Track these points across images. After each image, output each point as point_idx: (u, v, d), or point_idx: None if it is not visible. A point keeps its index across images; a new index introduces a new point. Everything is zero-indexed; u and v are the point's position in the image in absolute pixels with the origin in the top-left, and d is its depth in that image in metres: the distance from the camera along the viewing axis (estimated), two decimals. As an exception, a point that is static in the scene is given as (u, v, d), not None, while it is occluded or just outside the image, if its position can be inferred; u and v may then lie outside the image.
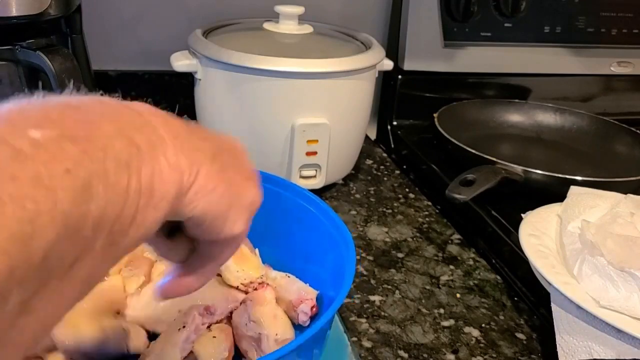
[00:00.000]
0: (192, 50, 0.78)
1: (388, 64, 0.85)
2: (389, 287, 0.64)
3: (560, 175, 0.76)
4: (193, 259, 0.36)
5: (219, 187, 0.30)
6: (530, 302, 0.64)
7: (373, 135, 1.07)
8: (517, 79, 1.08)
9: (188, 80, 0.84)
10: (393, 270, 0.67)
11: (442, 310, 0.61)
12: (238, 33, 0.85)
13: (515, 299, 0.64)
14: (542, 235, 0.62)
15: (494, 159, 0.79)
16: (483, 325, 0.60)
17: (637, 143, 0.94)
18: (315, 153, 0.77)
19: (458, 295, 0.64)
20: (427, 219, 0.79)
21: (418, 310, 0.61)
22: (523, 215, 0.66)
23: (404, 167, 0.94)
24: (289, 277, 0.55)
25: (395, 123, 1.03)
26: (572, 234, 0.61)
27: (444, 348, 0.56)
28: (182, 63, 0.78)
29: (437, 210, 0.81)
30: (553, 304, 0.55)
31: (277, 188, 0.57)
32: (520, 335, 0.59)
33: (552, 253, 0.60)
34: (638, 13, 1.08)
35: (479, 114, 1.01)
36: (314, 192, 0.79)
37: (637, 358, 0.49)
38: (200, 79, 0.78)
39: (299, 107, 0.75)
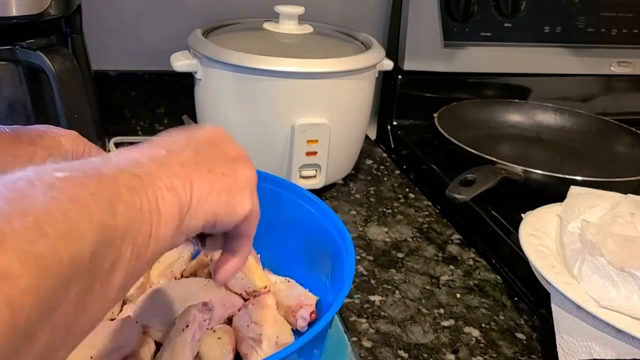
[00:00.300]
0: (192, 50, 0.78)
1: (388, 64, 0.85)
2: (389, 287, 0.64)
3: (560, 175, 0.76)
4: (227, 243, 0.40)
5: (214, 185, 0.34)
6: (530, 302, 0.64)
7: (373, 135, 1.07)
8: (517, 79, 1.08)
9: (188, 80, 0.84)
10: (393, 270, 0.67)
11: (442, 310, 0.61)
12: (238, 33, 0.85)
13: (515, 299, 0.64)
14: (542, 235, 0.62)
15: (494, 159, 0.79)
16: (483, 325, 0.60)
17: (637, 143, 0.94)
18: (315, 153, 0.77)
19: (458, 295, 0.64)
20: (427, 219, 0.79)
21: (418, 310, 0.61)
22: (523, 215, 0.66)
23: (404, 167, 0.94)
24: (289, 281, 0.54)
25: (395, 123, 1.03)
26: (572, 234, 0.61)
27: (444, 348, 0.56)
28: (182, 63, 0.78)
29: (437, 210, 0.81)
30: (553, 304, 0.55)
31: (276, 188, 0.57)
32: (520, 335, 0.59)
33: (552, 253, 0.59)
34: (638, 13, 1.08)
35: (479, 114, 1.01)
36: (314, 192, 0.79)
37: (637, 358, 0.49)
38: (200, 79, 0.78)
39: (299, 107, 0.75)
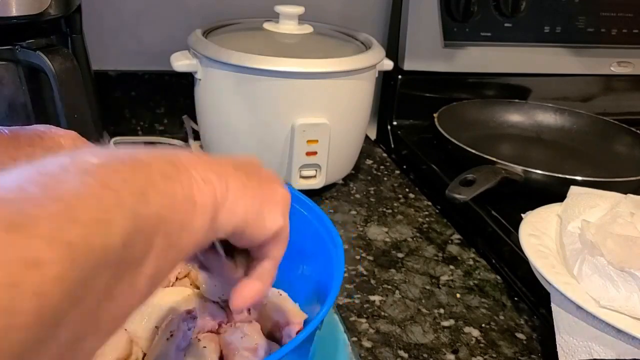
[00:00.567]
0: (192, 50, 0.78)
1: (388, 64, 0.85)
2: (389, 287, 0.64)
3: (560, 175, 0.76)
4: (252, 266, 0.39)
5: (249, 191, 0.34)
6: (530, 302, 0.64)
7: (373, 135, 1.07)
8: (517, 79, 1.08)
9: (188, 80, 0.84)
10: (393, 270, 0.67)
11: (442, 310, 0.61)
12: (238, 33, 0.85)
13: (515, 299, 0.64)
14: (542, 235, 0.62)
15: (494, 159, 0.79)
16: (483, 325, 0.60)
17: (637, 143, 0.94)
18: (315, 153, 0.77)
19: (458, 295, 0.64)
20: (427, 219, 0.79)
21: (418, 310, 0.61)
22: (523, 215, 0.66)
23: (404, 167, 0.94)
24: (281, 294, 0.52)
25: (395, 123, 1.03)
26: (572, 234, 0.61)
27: (444, 348, 0.56)
28: (182, 63, 0.78)
29: (437, 210, 0.81)
30: (553, 304, 0.55)
31: None
32: (520, 335, 0.59)
33: (552, 253, 0.59)
34: (638, 13, 1.08)
35: (479, 114, 1.01)
36: (314, 192, 0.79)
37: (637, 358, 0.49)
38: (200, 79, 0.78)
39: (299, 107, 0.75)
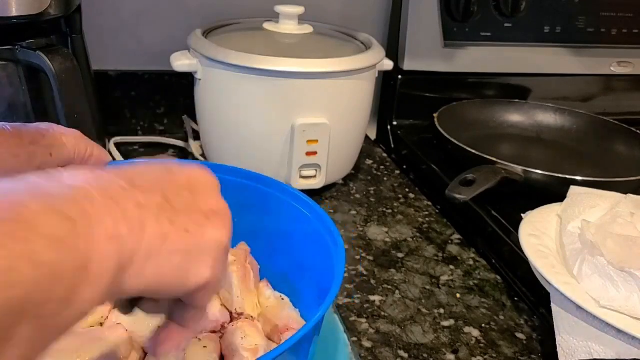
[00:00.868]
0: (192, 50, 0.78)
1: (388, 64, 0.85)
2: (389, 287, 0.64)
3: (560, 175, 0.76)
4: (175, 311, 0.34)
5: (170, 242, 0.28)
6: (530, 302, 0.64)
7: (373, 135, 1.07)
8: (517, 79, 1.08)
9: (188, 80, 0.84)
10: (393, 270, 0.67)
11: (442, 310, 0.61)
12: (238, 33, 0.85)
13: (515, 299, 0.64)
14: (542, 235, 0.62)
15: (494, 159, 0.79)
16: (483, 325, 0.60)
17: (637, 143, 0.94)
18: (315, 153, 0.77)
19: (458, 295, 0.64)
20: (427, 219, 0.79)
21: (418, 310, 0.61)
22: (523, 215, 0.66)
23: (404, 167, 0.94)
24: (283, 299, 0.53)
25: (395, 123, 1.02)
26: (572, 234, 0.61)
27: (444, 348, 0.56)
28: (182, 63, 0.78)
29: (437, 210, 0.81)
30: (553, 304, 0.55)
31: (267, 189, 0.56)
32: (520, 335, 0.59)
33: (552, 253, 0.60)
34: (638, 13, 1.08)
35: (479, 114, 1.01)
36: (314, 192, 0.79)
37: (637, 358, 0.49)
38: (200, 79, 0.78)
39: (299, 107, 0.75)
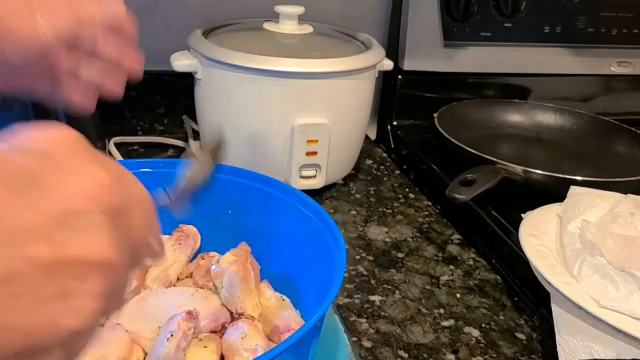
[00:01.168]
0: (192, 50, 0.78)
1: (388, 64, 0.85)
2: (389, 287, 0.64)
3: (560, 175, 0.76)
4: None
5: (17, 309, 0.22)
6: (530, 302, 0.64)
7: (373, 135, 1.07)
8: (517, 79, 1.08)
9: (188, 80, 0.84)
10: (393, 270, 0.67)
11: (442, 310, 0.61)
12: (238, 33, 0.85)
13: (515, 299, 0.64)
14: (542, 235, 0.62)
15: (494, 159, 0.79)
16: (483, 325, 0.60)
17: (637, 143, 0.94)
18: (315, 153, 0.77)
19: (458, 295, 0.64)
20: (427, 219, 0.79)
21: (418, 310, 0.61)
22: (523, 215, 0.66)
23: (404, 167, 0.94)
24: (284, 300, 0.53)
25: (395, 123, 1.03)
26: (572, 234, 0.61)
27: (444, 348, 0.56)
28: (182, 63, 0.78)
29: (437, 210, 0.81)
30: (553, 304, 0.55)
31: (269, 189, 0.56)
32: (520, 335, 0.59)
33: (552, 253, 0.60)
34: (638, 13, 1.08)
35: (479, 114, 1.01)
36: (314, 192, 0.79)
37: (637, 358, 0.49)
38: (200, 79, 0.78)
39: (299, 107, 0.75)
